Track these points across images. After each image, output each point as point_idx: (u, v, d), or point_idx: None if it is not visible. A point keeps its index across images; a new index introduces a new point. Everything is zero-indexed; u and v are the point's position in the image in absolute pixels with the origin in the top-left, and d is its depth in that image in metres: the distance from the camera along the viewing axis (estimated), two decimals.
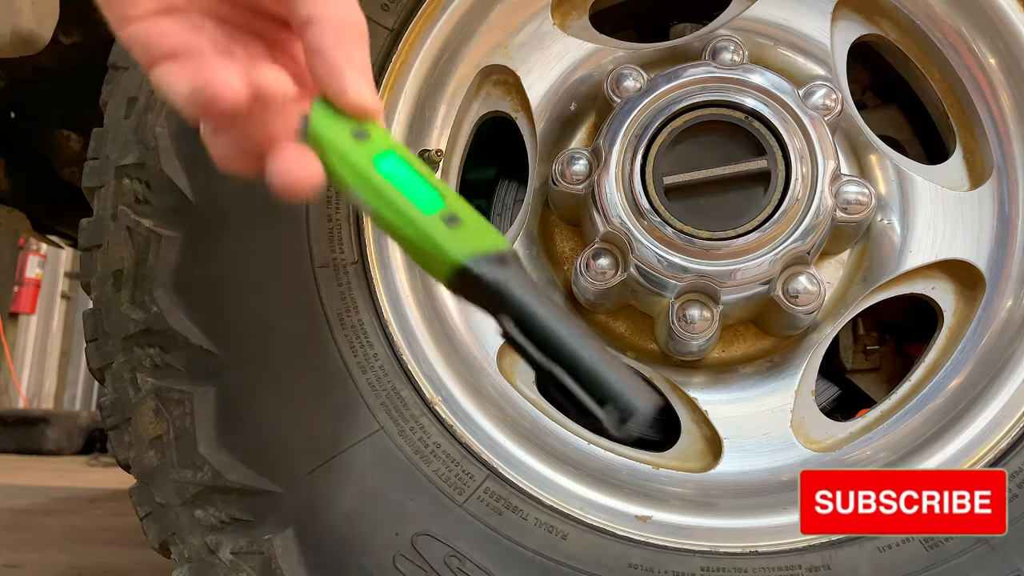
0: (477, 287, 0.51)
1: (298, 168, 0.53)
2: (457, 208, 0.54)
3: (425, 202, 0.54)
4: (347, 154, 0.54)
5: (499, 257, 0.52)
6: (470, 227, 0.54)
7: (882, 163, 1.05)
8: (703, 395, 1.04)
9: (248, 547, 0.93)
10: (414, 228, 0.53)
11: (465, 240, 0.53)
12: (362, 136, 0.55)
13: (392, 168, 0.55)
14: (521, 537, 0.92)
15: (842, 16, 1.07)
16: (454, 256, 0.52)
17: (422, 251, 0.53)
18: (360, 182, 0.54)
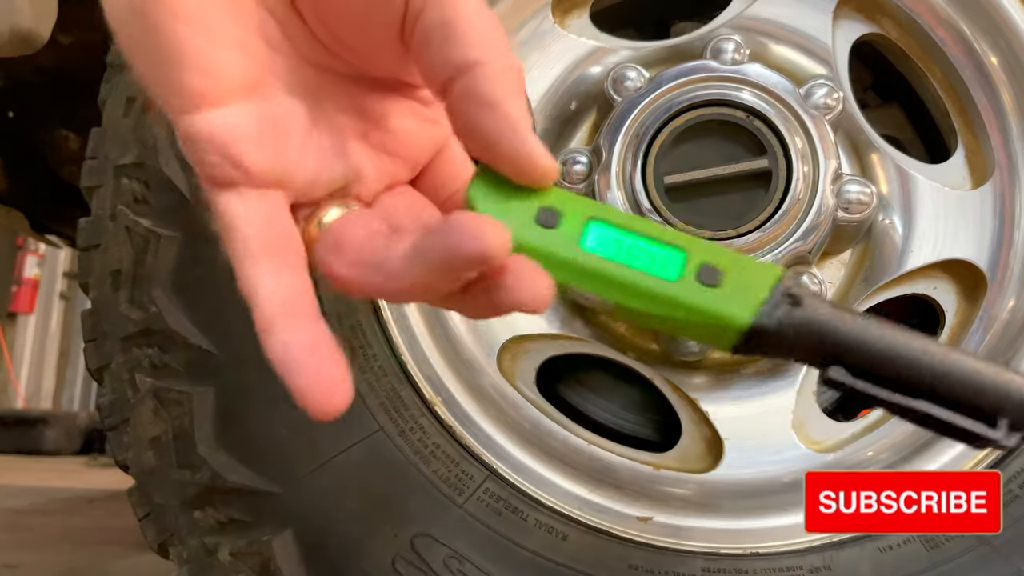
0: (777, 343, 0.41)
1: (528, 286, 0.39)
2: (703, 253, 0.42)
3: (664, 264, 0.41)
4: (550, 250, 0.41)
5: (788, 295, 0.41)
6: (732, 271, 0.41)
7: (883, 162, 1.04)
8: (704, 396, 1.04)
9: (247, 548, 0.93)
10: (669, 305, 0.41)
11: (737, 292, 0.41)
12: (549, 218, 0.42)
13: (602, 240, 0.42)
14: (521, 538, 0.92)
15: (843, 15, 1.07)
16: (735, 319, 0.41)
17: (692, 326, 0.41)
18: (578, 277, 0.42)
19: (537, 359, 1.06)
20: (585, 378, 1.14)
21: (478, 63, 0.40)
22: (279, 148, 0.42)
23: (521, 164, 0.41)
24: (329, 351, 0.40)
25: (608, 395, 1.13)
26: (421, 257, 0.38)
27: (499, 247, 0.36)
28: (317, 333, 0.40)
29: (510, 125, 0.40)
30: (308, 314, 0.41)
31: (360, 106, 0.46)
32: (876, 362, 0.40)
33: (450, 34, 0.40)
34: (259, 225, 0.41)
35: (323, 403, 0.39)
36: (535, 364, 1.06)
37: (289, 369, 0.40)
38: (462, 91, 0.40)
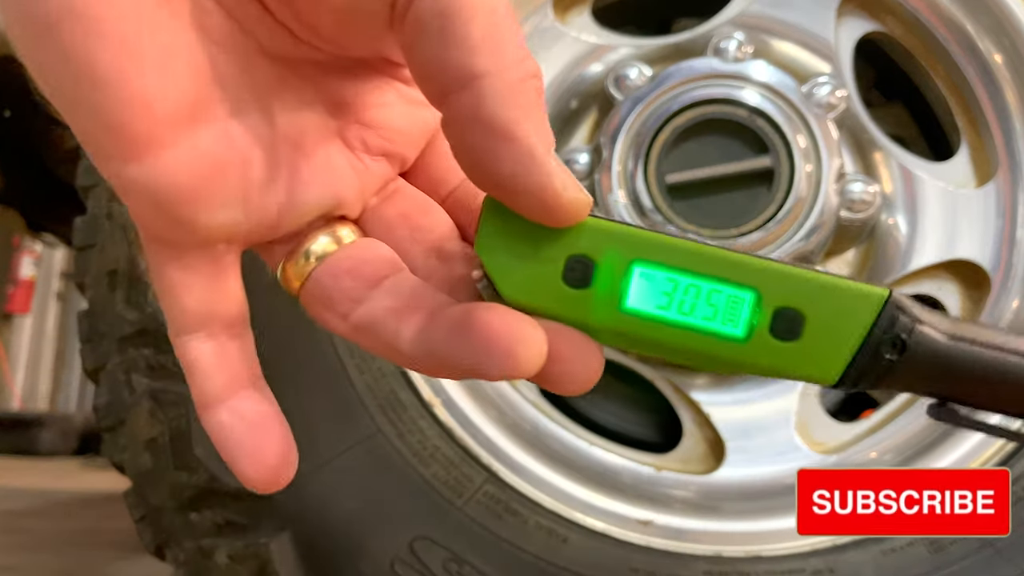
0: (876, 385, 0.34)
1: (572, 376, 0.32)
2: (779, 292, 0.33)
3: (729, 314, 0.33)
4: (584, 321, 0.33)
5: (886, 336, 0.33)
6: (817, 313, 0.33)
7: (887, 161, 1.04)
8: (706, 397, 1.03)
9: (244, 550, 0.92)
10: (738, 366, 0.33)
11: (821, 344, 0.33)
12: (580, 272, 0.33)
13: (650, 288, 0.33)
14: (521, 541, 0.91)
15: (847, 12, 1.07)
16: (819, 378, 0.33)
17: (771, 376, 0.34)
18: (622, 343, 0.34)
19: None
20: None
21: (484, 75, 0.30)
22: (237, 194, 0.33)
23: (545, 205, 0.31)
24: (271, 426, 0.36)
25: (609, 396, 1.12)
26: (434, 354, 0.32)
27: (533, 365, 0.30)
28: (257, 408, 0.36)
29: (528, 157, 0.30)
30: (249, 386, 0.36)
31: (332, 98, 0.37)
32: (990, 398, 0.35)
33: (448, 29, 0.30)
34: (200, 291, 0.35)
35: (265, 483, 0.35)
36: None
37: (227, 450, 0.35)
38: (465, 113, 0.30)
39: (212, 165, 0.32)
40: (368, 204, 0.38)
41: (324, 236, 0.36)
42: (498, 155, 0.30)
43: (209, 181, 0.32)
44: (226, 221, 0.33)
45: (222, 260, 0.35)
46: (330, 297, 0.35)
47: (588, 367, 0.32)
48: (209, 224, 0.33)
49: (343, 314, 0.35)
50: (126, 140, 0.30)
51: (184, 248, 0.34)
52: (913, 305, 0.34)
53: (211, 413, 0.35)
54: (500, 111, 0.30)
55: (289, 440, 0.36)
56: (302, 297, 0.36)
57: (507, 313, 0.30)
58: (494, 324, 0.30)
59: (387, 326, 0.33)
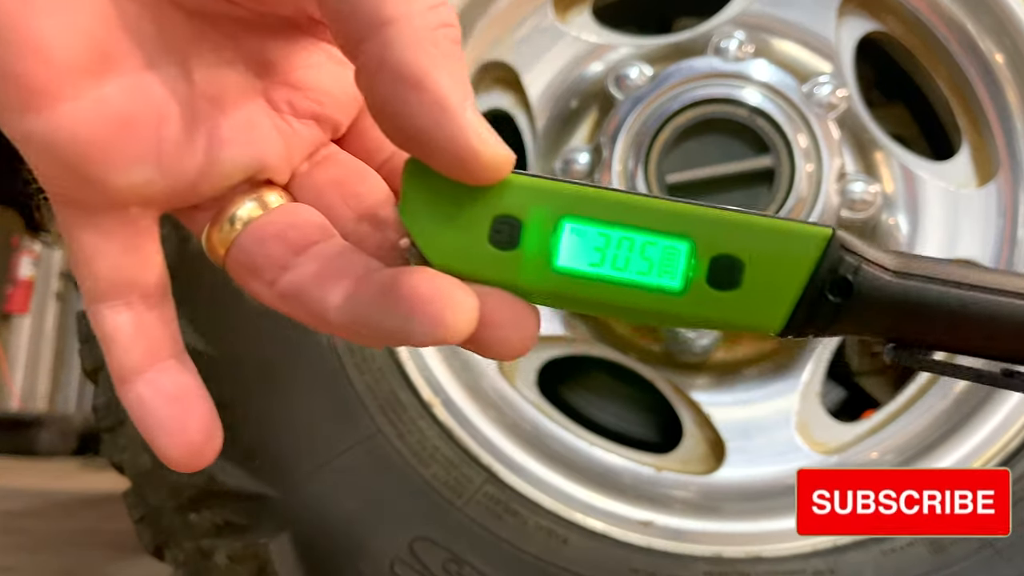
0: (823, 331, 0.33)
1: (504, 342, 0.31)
2: (716, 238, 0.31)
3: (665, 265, 0.31)
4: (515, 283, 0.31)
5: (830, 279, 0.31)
6: (756, 258, 0.31)
7: (888, 160, 1.04)
8: (706, 397, 1.03)
9: (243, 551, 0.92)
10: (677, 320, 0.32)
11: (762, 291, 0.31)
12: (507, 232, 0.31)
13: (582, 245, 0.31)
14: (521, 541, 0.91)
15: (848, 12, 1.06)
16: (762, 326, 0.32)
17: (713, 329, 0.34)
18: (557, 303, 0.32)
19: (537, 360, 1.06)
20: (586, 379, 1.13)
21: (393, 20, 0.28)
22: (150, 152, 0.31)
23: (461, 159, 0.29)
24: (191, 400, 0.34)
25: (609, 396, 1.12)
26: (361, 320, 0.30)
27: (463, 330, 0.29)
28: (179, 381, 0.34)
29: (439, 107, 0.28)
30: (168, 357, 0.34)
31: (257, 57, 0.34)
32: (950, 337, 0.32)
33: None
34: (115, 258, 0.33)
35: (187, 461, 0.34)
36: (535, 365, 1.06)
37: (146, 425, 0.33)
38: (373, 61, 0.28)
39: (120, 120, 0.30)
40: (298, 170, 0.36)
41: (250, 201, 0.34)
42: (409, 106, 0.28)
43: (118, 137, 0.30)
44: (139, 181, 0.31)
45: (137, 224, 0.33)
46: (255, 264, 0.33)
47: (522, 332, 0.31)
48: (120, 184, 0.31)
49: (269, 281, 0.33)
50: (23, 90, 0.28)
51: (96, 210, 0.32)
52: (859, 244, 0.32)
53: (129, 387, 0.34)
54: (409, 58, 0.28)
55: (212, 415, 0.34)
56: (228, 265, 0.34)
57: (436, 277, 0.29)
58: (422, 288, 0.28)
59: (312, 294, 0.32)
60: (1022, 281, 0.33)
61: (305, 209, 0.35)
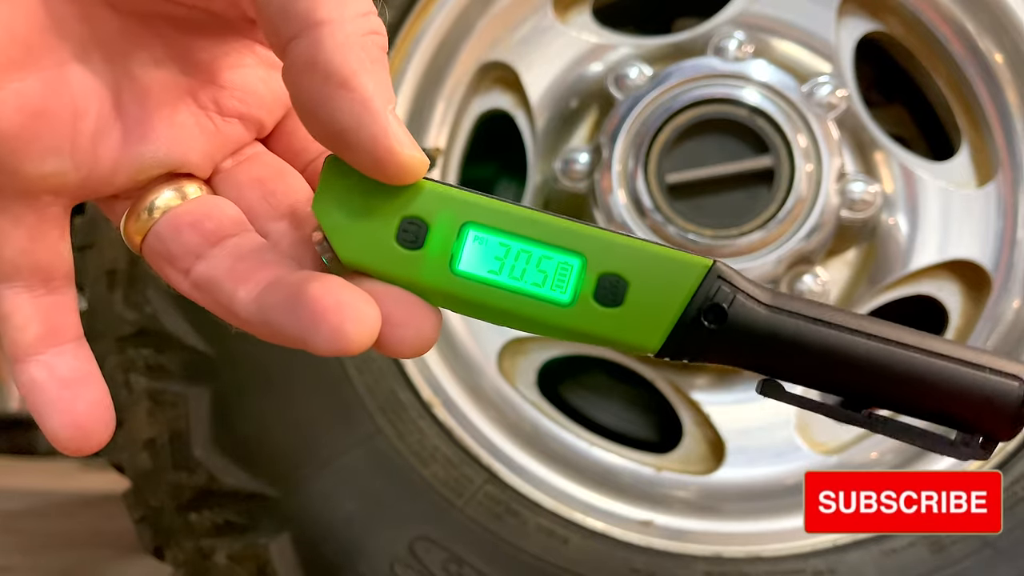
0: (697, 356, 0.34)
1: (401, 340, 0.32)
2: (604, 258, 0.33)
3: (557, 279, 0.33)
4: (414, 281, 0.33)
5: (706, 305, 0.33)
6: (639, 279, 0.33)
7: (888, 161, 1.04)
8: (706, 397, 1.03)
9: (243, 552, 0.92)
10: (564, 333, 0.33)
11: (644, 310, 0.33)
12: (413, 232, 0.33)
13: (481, 252, 0.33)
14: (521, 542, 0.91)
15: (848, 12, 1.06)
16: (640, 345, 0.33)
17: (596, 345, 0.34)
18: (454, 306, 0.34)
19: (537, 360, 1.06)
20: (586, 379, 1.13)
21: (325, 22, 0.29)
22: (64, 144, 0.32)
23: (380, 157, 0.30)
24: (84, 385, 0.34)
25: (609, 396, 1.12)
26: (268, 323, 0.31)
27: (363, 344, 0.30)
28: (72, 365, 0.34)
29: (363, 107, 0.30)
30: (66, 340, 0.35)
31: (185, 56, 0.35)
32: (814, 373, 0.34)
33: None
34: (20, 242, 0.33)
35: (75, 444, 0.34)
36: (535, 365, 1.06)
37: (37, 406, 0.34)
38: (302, 59, 0.30)
39: (36, 112, 0.31)
40: (221, 167, 0.37)
41: (169, 191, 0.35)
42: (334, 104, 0.30)
43: (32, 128, 0.31)
44: (52, 171, 0.32)
45: (46, 212, 0.34)
46: (170, 251, 0.34)
47: (421, 332, 0.32)
48: (32, 173, 0.32)
49: (184, 270, 0.34)
50: None
51: (7, 196, 0.33)
52: (737, 277, 0.34)
53: (23, 367, 0.34)
54: (338, 59, 0.29)
55: (105, 401, 0.34)
56: (144, 252, 0.35)
57: (341, 288, 0.30)
58: (326, 300, 0.29)
59: (224, 287, 0.32)
60: (887, 327, 0.34)
61: (223, 202, 0.36)
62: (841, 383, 0.34)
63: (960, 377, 0.34)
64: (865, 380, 0.34)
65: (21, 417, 6.10)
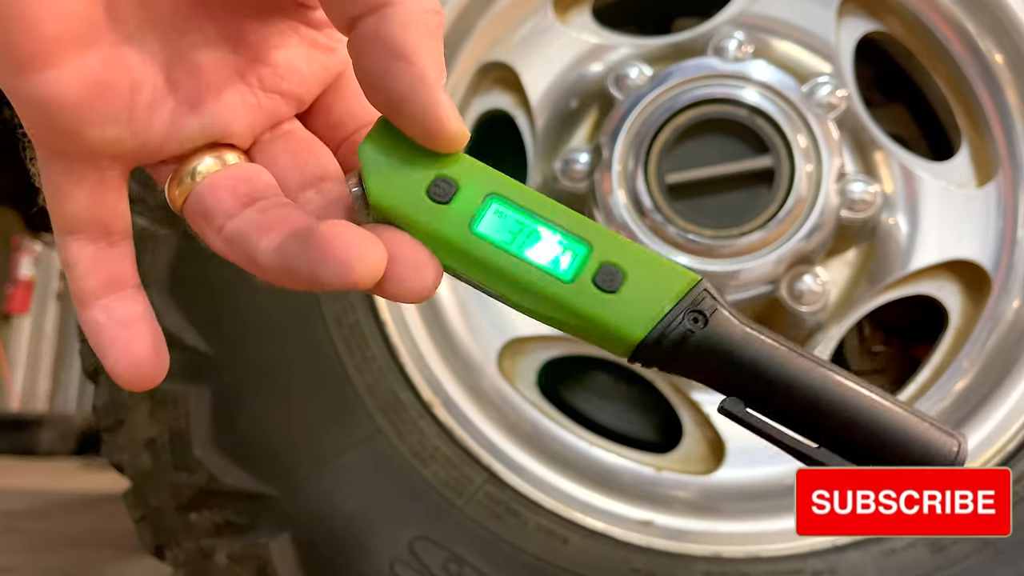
0: (673, 362, 0.36)
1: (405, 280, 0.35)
2: (608, 250, 0.36)
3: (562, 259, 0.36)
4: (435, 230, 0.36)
5: (693, 311, 0.36)
6: (637, 275, 0.36)
7: (888, 161, 1.04)
8: (706, 397, 1.03)
9: (244, 551, 0.92)
10: (558, 308, 0.36)
11: (635, 301, 0.36)
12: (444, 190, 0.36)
13: (500, 222, 0.36)
14: (521, 541, 0.91)
15: (848, 12, 1.06)
16: (626, 333, 0.36)
17: (583, 331, 0.37)
18: (463, 264, 0.36)
19: (537, 360, 1.06)
20: (586, 379, 1.13)
21: (391, 2, 0.34)
22: (121, 114, 0.36)
23: (429, 125, 0.35)
24: (142, 326, 0.38)
25: (609, 396, 1.12)
26: (285, 266, 0.34)
27: (369, 278, 0.32)
28: (132, 308, 0.39)
29: (422, 80, 0.34)
30: (124, 287, 0.39)
31: (235, 36, 0.38)
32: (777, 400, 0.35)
33: None
34: (83, 200, 0.37)
35: (132, 379, 0.38)
36: (536, 365, 1.06)
37: (100, 345, 0.38)
38: (369, 34, 0.34)
39: (98, 85, 0.35)
40: (260, 138, 0.40)
41: (210, 158, 0.39)
42: (395, 75, 0.34)
43: (95, 99, 0.35)
44: (110, 137, 0.36)
45: (106, 174, 0.37)
46: (207, 210, 0.37)
47: (422, 275, 0.35)
48: (94, 138, 0.36)
49: (218, 228, 0.37)
50: (16, 57, 0.33)
51: (72, 159, 0.36)
52: (721, 296, 0.36)
53: (86, 311, 0.38)
54: (401, 35, 0.33)
55: (159, 342, 0.39)
56: (184, 211, 0.39)
57: (349, 229, 0.33)
58: (335, 238, 0.32)
59: (250, 239, 0.35)
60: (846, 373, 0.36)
61: (259, 170, 0.39)
62: (800, 412, 0.36)
63: (909, 424, 0.37)
64: (824, 412, 0.36)
65: (22, 417, 6.10)
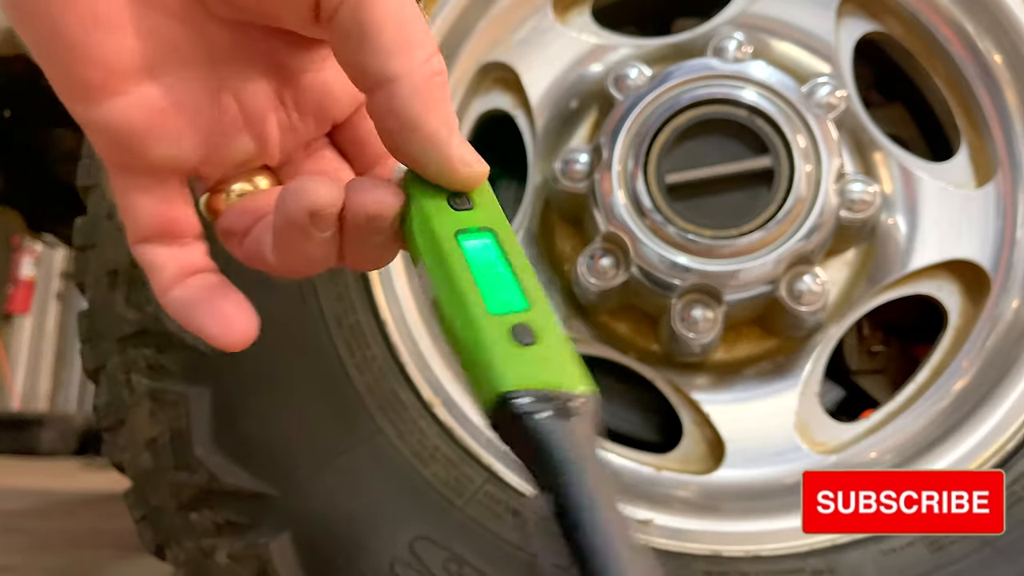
0: (516, 431, 0.36)
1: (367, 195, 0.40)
2: (542, 325, 0.38)
3: (501, 301, 0.38)
4: (430, 219, 0.40)
5: (564, 403, 0.35)
6: (546, 352, 0.37)
7: (887, 161, 1.04)
8: (705, 397, 1.03)
9: (244, 551, 0.92)
10: (467, 324, 0.38)
11: (528, 364, 0.36)
12: (462, 203, 0.41)
13: (483, 250, 0.40)
14: (521, 541, 0.91)
15: (847, 12, 1.07)
16: (499, 378, 0.36)
17: (469, 360, 0.38)
18: (430, 251, 0.40)
19: None
20: None
21: (396, 78, 0.38)
22: (179, 135, 0.40)
23: (444, 178, 0.40)
24: (225, 290, 0.42)
25: (609, 396, 1.12)
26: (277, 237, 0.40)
27: (328, 203, 0.38)
28: (210, 279, 0.42)
29: (432, 142, 0.39)
30: (199, 272, 0.43)
31: (275, 61, 0.43)
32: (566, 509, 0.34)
33: (365, 38, 0.38)
34: (152, 208, 0.42)
35: (227, 339, 0.41)
36: None
37: (189, 317, 0.41)
38: (382, 107, 0.39)
39: (159, 111, 0.39)
40: (292, 157, 0.45)
41: (244, 182, 0.44)
42: (409, 140, 0.39)
43: (155, 123, 0.39)
44: (170, 155, 0.40)
45: (169, 184, 0.42)
46: (232, 229, 0.43)
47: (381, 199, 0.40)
48: (156, 156, 0.40)
49: (242, 248, 0.43)
50: (85, 89, 0.38)
51: (139, 174, 0.41)
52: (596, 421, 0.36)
53: (169, 297, 0.42)
54: (409, 107, 0.38)
55: (245, 302, 0.42)
56: (217, 225, 0.44)
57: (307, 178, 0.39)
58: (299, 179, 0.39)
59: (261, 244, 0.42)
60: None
61: None
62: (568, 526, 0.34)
63: None
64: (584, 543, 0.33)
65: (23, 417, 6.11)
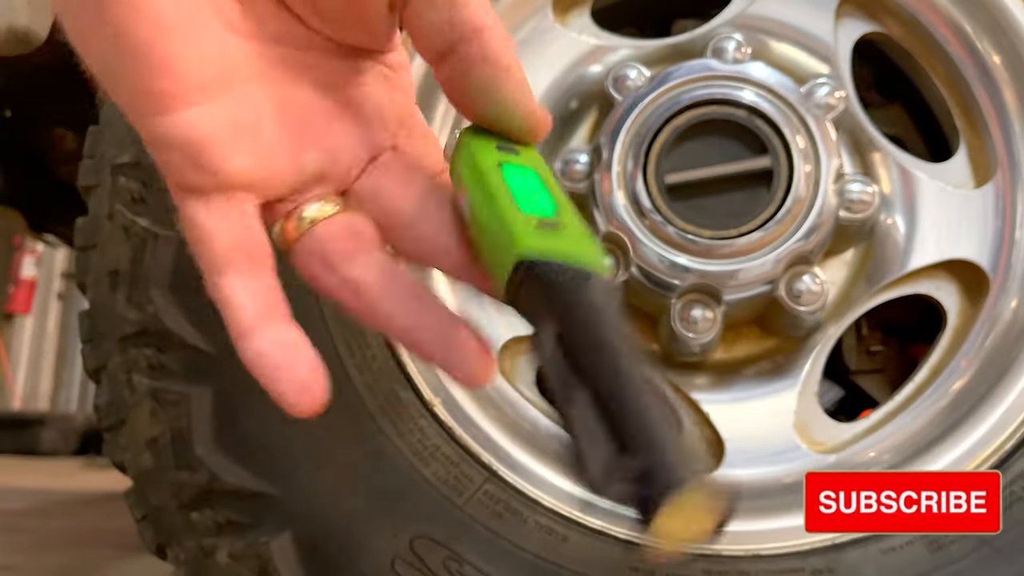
0: (533, 293, 0.38)
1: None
2: (567, 222, 0.40)
3: (534, 206, 0.41)
4: (476, 154, 0.43)
5: (581, 272, 0.37)
6: (568, 235, 0.39)
7: (886, 161, 1.04)
8: (705, 397, 1.03)
9: (245, 550, 0.92)
10: (495, 216, 0.40)
11: (550, 239, 0.38)
12: (509, 149, 0.44)
13: (519, 179, 0.42)
14: (521, 540, 0.91)
15: (846, 13, 1.07)
16: (520, 243, 0.38)
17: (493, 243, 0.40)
18: (472, 178, 0.42)
19: None
20: None
21: (489, 26, 0.41)
22: (251, 148, 0.40)
23: (530, 126, 0.43)
24: (303, 351, 0.41)
25: None
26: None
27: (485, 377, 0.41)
28: (290, 335, 0.41)
29: (524, 84, 0.42)
30: (280, 318, 0.41)
31: (334, 79, 0.44)
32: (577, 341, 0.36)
33: None
34: (228, 234, 0.41)
35: (300, 404, 0.40)
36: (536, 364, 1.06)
37: (265, 374, 0.40)
38: (476, 55, 0.41)
39: (229, 123, 0.39)
40: (363, 169, 0.45)
41: (319, 202, 0.43)
42: (504, 84, 0.41)
43: (229, 135, 0.39)
44: (244, 167, 0.40)
45: (242, 204, 0.41)
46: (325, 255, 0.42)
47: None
48: (230, 169, 0.40)
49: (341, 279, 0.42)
50: (157, 99, 0.38)
51: (209, 193, 0.40)
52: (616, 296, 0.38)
53: (247, 342, 0.41)
54: (503, 51, 0.41)
55: (320, 366, 0.41)
56: (297, 252, 0.43)
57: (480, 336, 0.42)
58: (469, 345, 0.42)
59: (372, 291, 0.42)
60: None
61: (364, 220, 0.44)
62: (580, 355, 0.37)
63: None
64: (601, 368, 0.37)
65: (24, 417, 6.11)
